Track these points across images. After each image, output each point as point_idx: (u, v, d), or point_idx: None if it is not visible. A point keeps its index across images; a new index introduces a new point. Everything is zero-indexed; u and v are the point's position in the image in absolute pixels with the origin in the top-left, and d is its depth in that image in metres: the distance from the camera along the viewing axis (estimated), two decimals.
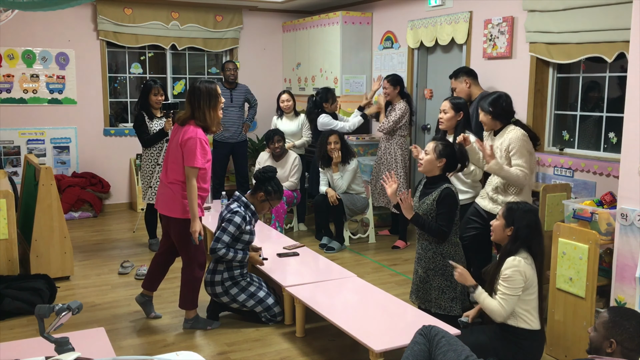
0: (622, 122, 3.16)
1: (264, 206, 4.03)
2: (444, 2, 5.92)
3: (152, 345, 3.69)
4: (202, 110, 3.64)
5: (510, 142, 3.85)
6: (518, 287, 3.01)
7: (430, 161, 3.68)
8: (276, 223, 5.87)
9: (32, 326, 3.91)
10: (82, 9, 7.10)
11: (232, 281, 3.95)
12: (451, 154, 3.69)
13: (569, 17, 4.57)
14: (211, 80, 3.75)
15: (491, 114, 3.94)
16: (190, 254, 3.79)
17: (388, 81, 5.79)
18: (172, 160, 3.72)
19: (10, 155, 7.00)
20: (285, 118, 6.53)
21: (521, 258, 3.06)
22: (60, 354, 1.86)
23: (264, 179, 3.99)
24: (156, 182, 5.40)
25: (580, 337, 3.33)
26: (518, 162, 3.81)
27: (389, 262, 5.41)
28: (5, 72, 6.87)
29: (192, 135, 3.59)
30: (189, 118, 3.67)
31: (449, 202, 3.57)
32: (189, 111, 3.68)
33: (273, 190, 3.99)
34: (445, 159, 3.67)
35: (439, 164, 3.68)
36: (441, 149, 3.68)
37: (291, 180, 6.16)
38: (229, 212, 3.91)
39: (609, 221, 3.30)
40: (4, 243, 4.47)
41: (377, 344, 3.04)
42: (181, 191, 3.68)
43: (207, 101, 3.64)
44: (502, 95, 4.01)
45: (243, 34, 8.07)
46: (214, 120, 3.70)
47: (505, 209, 3.20)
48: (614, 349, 2.38)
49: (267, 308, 3.97)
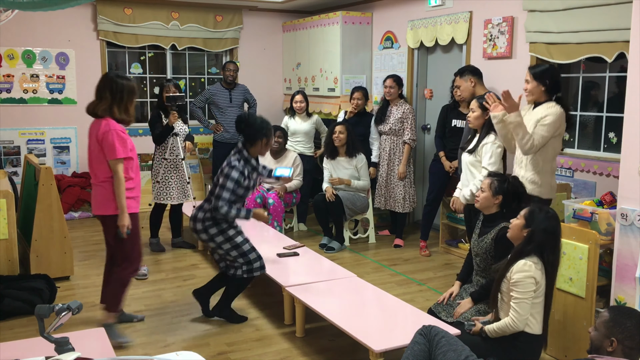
0: (622, 122, 3.16)
1: (267, 148, 3.96)
2: (444, 2, 5.92)
3: (152, 345, 3.69)
4: (124, 104, 3.60)
5: (548, 114, 3.65)
6: (530, 291, 2.95)
7: (487, 198, 3.57)
8: (274, 223, 5.87)
9: (32, 326, 3.91)
10: (82, 9, 7.10)
11: (213, 221, 3.87)
12: (508, 189, 3.54)
13: (569, 17, 4.57)
14: (128, 77, 3.71)
15: (545, 85, 3.73)
16: (126, 252, 3.69)
17: (394, 80, 5.81)
18: (95, 159, 3.61)
19: (10, 155, 7.00)
20: (297, 118, 6.57)
21: (532, 263, 2.99)
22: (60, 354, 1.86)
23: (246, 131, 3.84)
24: (162, 178, 5.48)
25: (580, 337, 3.33)
26: (538, 131, 3.64)
27: (389, 262, 5.41)
28: (5, 72, 6.87)
29: (106, 128, 3.52)
30: (106, 111, 3.57)
31: (506, 242, 3.34)
32: (107, 104, 3.57)
33: (259, 128, 3.85)
34: (502, 196, 3.53)
35: (496, 201, 3.55)
36: (497, 186, 3.55)
37: (296, 179, 6.17)
38: (227, 166, 3.83)
39: (609, 221, 3.30)
40: (4, 243, 4.47)
41: (377, 344, 3.04)
42: (112, 188, 3.59)
43: (130, 96, 3.62)
44: (552, 67, 3.90)
45: (243, 34, 8.07)
46: (133, 114, 3.70)
47: (528, 210, 3.14)
48: (614, 348, 2.37)
49: (247, 262, 3.91)
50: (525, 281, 2.95)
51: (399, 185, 5.83)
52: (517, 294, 2.97)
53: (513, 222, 3.18)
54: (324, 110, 7.35)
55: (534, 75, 3.76)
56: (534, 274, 2.96)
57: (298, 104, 6.51)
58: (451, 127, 5.36)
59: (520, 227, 3.11)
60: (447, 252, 5.71)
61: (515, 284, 2.97)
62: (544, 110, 3.71)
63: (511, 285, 3.00)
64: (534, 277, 2.96)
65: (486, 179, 3.59)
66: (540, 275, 2.99)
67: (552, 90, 3.76)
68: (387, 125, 5.85)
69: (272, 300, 4.33)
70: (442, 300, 3.69)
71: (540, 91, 3.75)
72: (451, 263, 5.39)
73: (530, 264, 2.98)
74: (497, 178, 3.59)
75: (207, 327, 3.96)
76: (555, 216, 3.14)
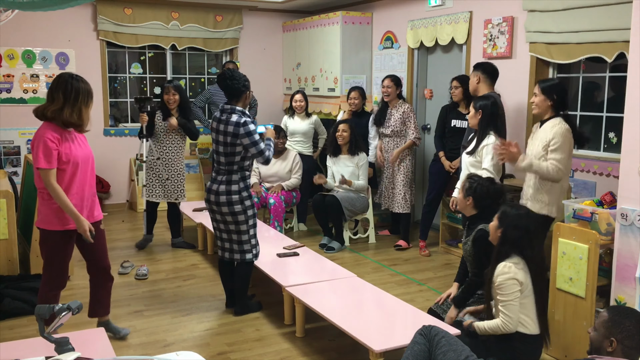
0: (622, 122, 3.16)
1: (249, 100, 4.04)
2: (444, 2, 5.92)
3: (152, 345, 3.69)
4: (78, 107, 3.29)
5: (555, 137, 3.65)
6: (514, 292, 2.98)
7: (460, 200, 3.60)
8: (275, 223, 5.87)
9: (32, 326, 3.90)
10: (82, 9, 7.10)
11: (248, 192, 3.96)
12: (479, 191, 3.52)
13: (569, 17, 4.57)
14: (85, 80, 3.42)
15: (553, 100, 3.74)
16: (51, 272, 3.42)
17: (392, 80, 5.79)
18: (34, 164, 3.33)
19: (10, 155, 7.00)
20: (296, 117, 6.58)
21: (512, 264, 3.01)
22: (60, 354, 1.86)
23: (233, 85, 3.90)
24: (145, 177, 5.58)
25: (580, 337, 3.33)
26: (554, 156, 3.65)
27: (389, 262, 5.41)
28: (5, 72, 6.87)
29: (36, 135, 3.25)
30: (56, 112, 3.26)
31: (482, 243, 3.38)
32: (59, 106, 3.26)
33: (244, 81, 3.94)
34: (472, 197, 3.53)
35: (468, 203, 3.56)
36: (467, 187, 3.55)
37: (294, 177, 6.18)
38: (236, 126, 3.80)
39: (609, 221, 3.30)
40: (4, 243, 4.46)
41: (377, 344, 3.04)
42: (41, 199, 3.35)
43: (85, 99, 3.33)
44: (562, 83, 3.93)
45: (243, 34, 8.07)
46: (87, 119, 3.38)
47: (501, 211, 3.18)
48: (614, 348, 2.37)
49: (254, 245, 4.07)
50: (507, 283, 2.98)
51: (400, 186, 5.81)
52: (502, 296, 3.00)
53: (490, 224, 3.22)
54: (324, 110, 7.35)
55: (543, 90, 3.78)
56: (514, 275, 2.99)
57: (298, 103, 6.51)
58: (451, 127, 5.36)
59: (495, 228, 3.16)
60: (447, 252, 5.71)
61: (499, 287, 3.01)
62: (548, 130, 3.72)
63: (496, 289, 3.03)
64: (516, 279, 2.99)
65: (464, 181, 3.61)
66: (524, 275, 3.02)
67: (559, 106, 3.77)
68: (388, 127, 5.82)
69: (272, 300, 4.33)
70: (439, 302, 3.70)
71: (547, 105, 3.77)
72: (451, 263, 5.39)
73: (510, 265, 3.01)
74: (472, 177, 3.60)
75: (207, 327, 3.96)
76: (527, 213, 3.18)
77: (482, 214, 3.53)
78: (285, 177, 6.17)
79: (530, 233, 3.08)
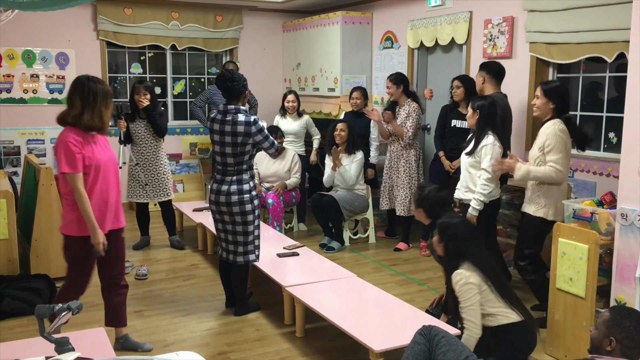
0: (622, 122, 3.16)
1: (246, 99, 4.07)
2: (444, 2, 5.92)
3: (152, 345, 3.69)
4: (98, 109, 3.22)
5: (547, 138, 3.70)
6: (472, 296, 3.06)
7: (414, 211, 3.70)
8: (274, 223, 5.87)
9: (32, 326, 3.91)
10: (82, 9, 7.10)
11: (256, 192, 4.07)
12: (427, 201, 3.60)
13: (569, 17, 4.57)
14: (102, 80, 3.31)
15: (555, 103, 3.77)
16: (73, 277, 3.37)
17: (390, 80, 5.77)
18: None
19: (10, 155, 7.00)
20: (288, 117, 6.56)
21: (462, 270, 3.11)
22: (60, 354, 1.86)
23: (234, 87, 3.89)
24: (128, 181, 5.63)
25: (580, 337, 3.33)
26: (550, 158, 3.68)
27: (389, 262, 5.41)
28: (5, 72, 6.87)
29: (59, 139, 3.19)
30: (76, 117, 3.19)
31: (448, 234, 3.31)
32: (78, 110, 3.19)
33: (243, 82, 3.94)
34: (422, 209, 3.62)
35: (420, 213, 3.65)
36: (417, 198, 3.63)
37: (294, 177, 6.18)
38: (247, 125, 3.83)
39: (609, 221, 3.30)
40: (4, 243, 4.47)
41: (377, 344, 3.04)
42: (66, 204, 3.28)
43: (105, 101, 3.24)
44: (564, 86, 3.94)
45: (243, 34, 8.07)
46: (108, 121, 3.32)
47: (437, 226, 3.31)
48: (613, 347, 2.39)
49: (257, 246, 4.10)
50: (464, 289, 3.07)
51: (402, 187, 5.77)
52: (462, 302, 3.09)
53: (433, 240, 3.35)
54: (324, 110, 7.36)
55: (545, 92, 3.80)
56: (467, 280, 3.08)
57: (290, 104, 6.51)
58: (451, 127, 5.35)
59: (437, 243, 3.29)
60: None
61: (458, 294, 3.10)
62: (543, 132, 3.78)
63: (458, 298, 3.12)
64: (470, 282, 3.07)
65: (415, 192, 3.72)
66: (478, 277, 3.10)
67: (560, 109, 3.79)
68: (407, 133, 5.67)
69: (272, 300, 4.33)
70: (433, 304, 3.74)
71: (548, 108, 3.79)
72: None
73: (460, 272, 3.11)
74: (418, 190, 3.69)
75: (207, 327, 3.96)
76: (462, 221, 3.29)
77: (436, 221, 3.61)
78: (284, 177, 6.17)
79: (470, 239, 3.19)
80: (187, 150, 7.87)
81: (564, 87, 3.92)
